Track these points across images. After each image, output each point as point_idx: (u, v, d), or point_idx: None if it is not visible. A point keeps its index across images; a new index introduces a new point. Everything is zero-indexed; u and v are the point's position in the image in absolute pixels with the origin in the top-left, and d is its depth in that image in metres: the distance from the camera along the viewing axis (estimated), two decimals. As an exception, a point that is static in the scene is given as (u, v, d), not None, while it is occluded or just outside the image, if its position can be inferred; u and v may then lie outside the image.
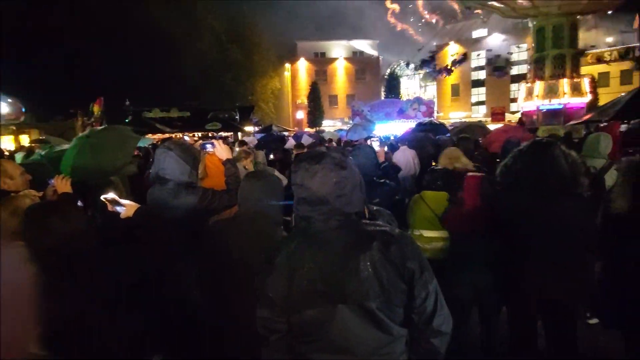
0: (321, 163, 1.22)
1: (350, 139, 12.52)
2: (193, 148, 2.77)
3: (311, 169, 1.22)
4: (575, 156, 2.36)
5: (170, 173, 2.36)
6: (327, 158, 1.23)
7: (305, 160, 1.26)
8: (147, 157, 6.70)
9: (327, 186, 1.21)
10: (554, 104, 21.44)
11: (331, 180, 1.21)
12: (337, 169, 1.22)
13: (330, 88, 45.27)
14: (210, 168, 3.77)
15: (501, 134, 7.97)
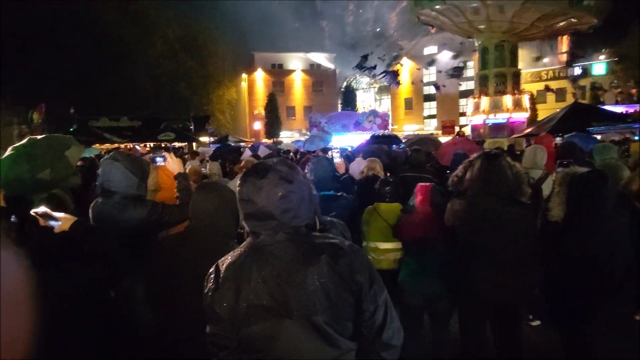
0: (266, 177, 1.20)
1: (307, 150, 12.60)
2: (141, 159, 2.66)
3: (257, 184, 1.20)
4: (519, 167, 2.52)
5: (117, 185, 2.25)
6: (273, 172, 1.21)
7: (250, 175, 1.24)
8: (92, 168, 6.33)
9: (273, 201, 1.19)
10: (498, 118, 22.82)
11: (277, 195, 1.19)
12: (282, 183, 1.20)
13: (288, 99, 45.43)
14: (165, 180, 3.63)
15: (451, 146, 8.37)
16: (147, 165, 2.55)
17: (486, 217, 2.36)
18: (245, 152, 11.08)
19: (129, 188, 2.26)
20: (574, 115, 14.63)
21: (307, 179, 1.32)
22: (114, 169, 2.25)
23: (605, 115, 14.79)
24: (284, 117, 41.05)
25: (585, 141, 8.36)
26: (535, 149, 3.40)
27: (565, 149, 3.70)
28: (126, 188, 2.26)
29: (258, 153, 9.64)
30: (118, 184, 2.25)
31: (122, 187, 2.25)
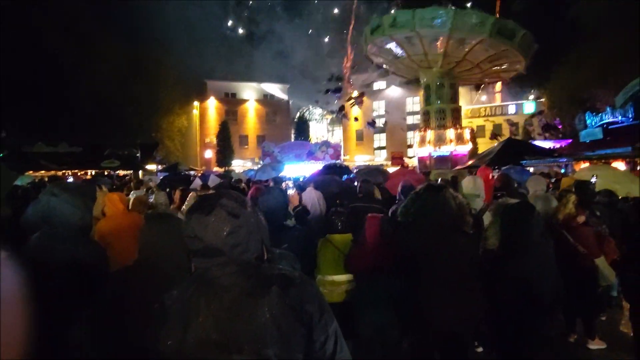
0: (213, 214, 1.18)
1: (258, 179, 12.50)
2: (85, 187, 2.50)
3: (203, 221, 1.18)
4: (461, 198, 2.67)
5: (56, 220, 2.10)
6: (219, 208, 1.19)
7: (196, 212, 1.21)
8: (25, 197, 5.84)
9: (220, 238, 1.17)
10: (442, 150, 24.20)
11: (224, 231, 1.17)
12: (230, 218, 1.19)
13: (241, 128, 45.25)
14: (109, 208, 3.45)
15: (399, 177, 8.70)
16: (92, 191, 2.41)
17: (432, 246, 2.47)
18: (195, 181, 10.79)
19: (71, 221, 2.11)
20: (509, 149, 15.86)
21: (255, 210, 1.32)
22: (54, 203, 2.10)
23: (535, 150, 16.18)
24: (236, 145, 40.69)
25: (520, 173, 9.06)
26: (475, 179, 3.64)
27: (500, 181, 3.99)
28: (69, 221, 2.11)
29: (208, 182, 9.43)
30: (58, 218, 2.10)
31: (64, 220, 2.10)
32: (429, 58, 22.97)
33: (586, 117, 14.65)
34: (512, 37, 20.00)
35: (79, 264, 2.04)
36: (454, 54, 21.88)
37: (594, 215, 3.72)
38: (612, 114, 13.55)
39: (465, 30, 19.79)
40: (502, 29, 19.57)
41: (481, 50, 21.16)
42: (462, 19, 19.61)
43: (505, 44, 20.09)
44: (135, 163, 23.25)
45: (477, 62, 22.29)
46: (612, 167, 10.21)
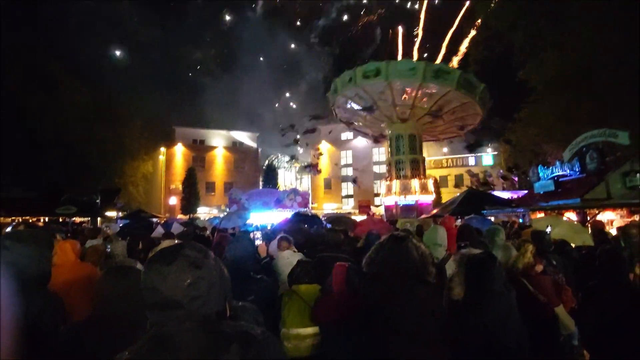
0: (174, 264, 1.14)
1: (224, 227, 12.21)
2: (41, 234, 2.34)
3: (162, 271, 1.14)
4: (424, 248, 2.72)
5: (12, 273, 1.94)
6: (181, 258, 1.16)
7: (156, 262, 1.17)
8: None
9: (180, 289, 1.13)
10: (408, 200, 24.81)
11: (184, 283, 1.13)
12: (191, 268, 1.15)
13: (208, 175, 44.78)
14: (60, 257, 3.23)
15: (367, 226, 8.79)
16: (48, 239, 2.26)
17: (394, 297, 2.46)
18: (157, 228, 10.40)
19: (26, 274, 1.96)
20: (471, 199, 16.52)
21: (218, 262, 1.28)
22: (5, 257, 1.95)
23: (495, 200, 16.94)
24: (202, 192, 40.01)
25: (481, 222, 9.38)
26: (437, 228, 3.73)
27: (463, 231, 4.12)
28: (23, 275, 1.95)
29: (171, 230, 9.12)
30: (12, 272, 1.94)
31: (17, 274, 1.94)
32: (397, 110, 24.20)
33: (539, 170, 15.58)
34: (474, 90, 21.64)
35: (32, 319, 1.88)
36: (421, 105, 23.23)
37: (551, 264, 3.87)
38: (561, 168, 14.51)
39: (435, 81, 21.26)
40: (467, 81, 21.23)
41: (446, 102, 22.64)
42: (432, 70, 21.11)
43: (468, 96, 21.68)
44: (94, 210, 22.18)
45: (442, 114, 23.71)
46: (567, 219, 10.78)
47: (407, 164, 25.42)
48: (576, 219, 11.60)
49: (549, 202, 13.49)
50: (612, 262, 2.93)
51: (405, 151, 25.52)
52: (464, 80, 21.13)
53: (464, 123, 25.41)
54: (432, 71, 21.10)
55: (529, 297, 3.25)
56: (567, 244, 5.29)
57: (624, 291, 2.90)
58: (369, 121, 27.51)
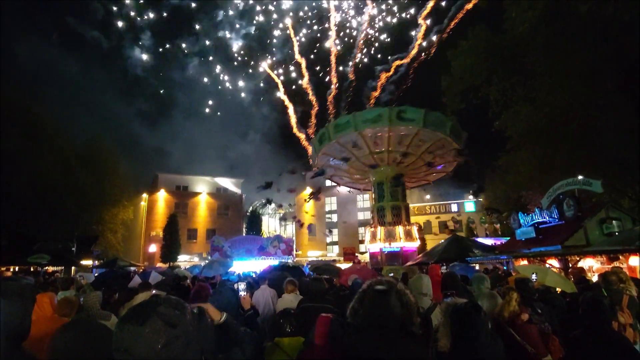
0: (147, 323, 1.08)
1: (205, 276, 11.86)
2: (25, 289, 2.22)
3: (135, 332, 1.06)
4: (410, 297, 2.67)
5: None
6: (154, 316, 1.09)
7: (128, 321, 1.10)
8: None
9: (153, 351, 1.06)
10: (393, 247, 24.69)
11: (158, 344, 1.06)
12: (166, 328, 1.09)
13: (191, 221, 43.97)
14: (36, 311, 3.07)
15: (351, 273, 8.65)
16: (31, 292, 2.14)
17: (380, 350, 2.39)
18: (134, 278, 9.99)
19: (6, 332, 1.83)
20: (455, 246, 16.58)
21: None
22: None
23: (478, 247, 17.02)
24: (184, 239, 39.05)
25: (465, 270, 9.36)
26: (421, 277, 3.70)
27: (448, 280, 4.10)
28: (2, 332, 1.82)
29: (149, 279, 8.78)
30: None
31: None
32: (375, 157, 24.75)
33: (519, 217, 15.89)
34: (442, 126, 22.40)
35: None
36: (397, 148, 23.83)
37: (536, 312, 3.85)
38: (540, 215, 14.84)
39: (401, 123, 22.00)
40: (432, 119, 22.03)
41: (420, 142, 23.31)
42: (396, 114, 21.91)
43: (439, 132, 22.40)
44: (69, 258, 21.26)
45: (419, 154, 24.30)
46: (549, 266, 10.87)
47: (391, 211, 25.59)
48: (558, 266, 11.70)
49: (531, 248, 13.64)
50: (594, 310, 2.94)
51: (388, 198, 25.79)
52: (430, 118, 21.97)
53: (444, 161, 25.99)
54: (397, 114, 21.93)
55: (516, 348, 3.19)
56: (551, 292, 5.30)
57: (607, 340, 2.89)
58: (353, 173, 28.00)
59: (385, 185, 25.91)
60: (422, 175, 28.43)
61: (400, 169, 25.73)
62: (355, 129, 22.72)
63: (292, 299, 3.72)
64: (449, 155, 24.92)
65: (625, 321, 4.02)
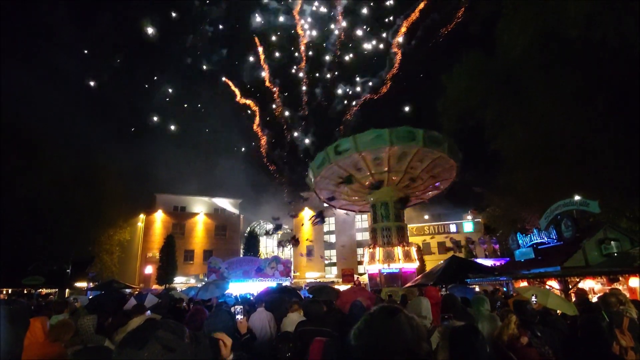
0: (145, 348, 1.10)
1: (201, 299, 11.69)
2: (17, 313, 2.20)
3: (134, 355, 1.08)
4: (417, 321, 2.64)
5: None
6: (153, 341, 1.11)
7: (127, 345, 1.12)
8: None
9: None
10: (392, 268, 24.46)
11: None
12: (164, 352, 1.11)
13: (188, 242, 43.59)
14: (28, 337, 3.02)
15: (350, 295, 8.55)
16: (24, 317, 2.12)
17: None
18: (129, 300, 9.84)
19: None
20: (454, 267, 16.46)
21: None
22: None
23: (478, 268, 16.91)
24: (180, 261, 38.63)
25: (464, 292, 9.27)
26: (421, 299, 3.68)
27: (446, 302, 4.06)
28: None
29: (145, 302, 8.65)
30: None
31: None
32: (375, 178, 24.84)
33: (518, 238, 15.85)
34: (441, 144, 22.63)
35: None
36: (397, 168, 23.96)
37: (536, 335, 3.80)
38: (539, 235, 14.82)
39: (402, 143, 22.22)
40: (431, 138, 22.28)
41: (419, 161, 23.50)
42: (397, 134, 22.16)
43: (437, 150, 22.62)
44: (64, 280, 20.94)
45: (418, 173, 24.44)
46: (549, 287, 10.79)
47: (390, 231, 25.49)
48: (558, 287, 11.61)
49: (530, 270, 13.54)
50: (592, 332, 2.92)
51: (387, 218, 25.74)
52: (428, 137, 22.28)
53: (441, 178, 26.10)
54: (397, 134, 22.21)
55: (517, 372, 3.15)
56: (551, 314, 5.24)
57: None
58: (352, 195, 28.03)
59: (383, 205, 25.91)
60: (419, 194, 28.46)
61: (399, 188, 25.81)
62: (357, 150, 22.88)
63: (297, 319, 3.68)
64: (446, 172, 25.10)
65: (627, 344, 3.98)
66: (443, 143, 22.92)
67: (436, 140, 22.74)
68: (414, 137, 22.32)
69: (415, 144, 22.33)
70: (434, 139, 22.62)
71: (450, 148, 23.36)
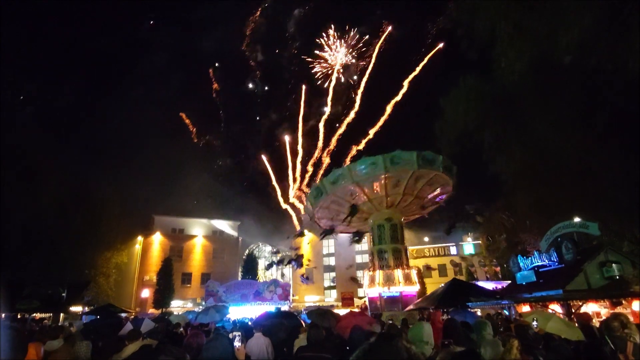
0: None
1: (200, 323, 11.50)
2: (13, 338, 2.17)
3: None
4: (415, 350, 2.61)
5: None
6: None
7: None
8: None
9: None
10: (392, 291, 24.11)
11: None
12: None
13: (185, 265, 43.08)
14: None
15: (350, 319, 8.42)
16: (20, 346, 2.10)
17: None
18: (126, 325, 9.66)
19: None
20: (455, 290, 16.23)
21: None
22: None
23: (479, 291, 16.68)
24: (178, 284, 38.09)
25: (464, 316, 9.14)
26: (423, 324, 3.63)
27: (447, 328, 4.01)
28: None
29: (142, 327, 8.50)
30: None
31: None
32: (374, 203, 24.85)
33: (519, 260, 15.73)
34: (435, 163, 22.75)
35: None
36: (394, 191, 24.00)
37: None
38: (540, 258, 14.71)
39: (396, 167, 22.32)
40: (425, 158, 22.43)
41: (415, 181, 23.57)
42: (390, 159, 22.29)
43: (433, 170, 22.70)
44: (59, 304, 20.57)
45: (415, 193, 24.47)
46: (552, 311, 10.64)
47: (389, 253, 25.27)
48: (561, 311, 11.44)
49: (532, 293, 13.39)
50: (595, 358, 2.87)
51: (387, 240, 25.56)
52: (422, 159, 22.44)
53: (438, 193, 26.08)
54: (391, 159, 22.37)
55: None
56: (554, 339, 5.16)
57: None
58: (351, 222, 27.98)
59: (382, 227, 25.79)
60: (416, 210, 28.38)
61: (399, 210, 25.78)
62: (352, 180, 23.06)
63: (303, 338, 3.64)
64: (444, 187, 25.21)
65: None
66: (437, 162, 23.08)
67: (430, 160, 22.91)
68: (408, 160, 22.48)
69: (410, 167, 22.48)
70: (428, 159, 22.79)
71: (445, 165, 23.51)
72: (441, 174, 23.34)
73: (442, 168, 23.14)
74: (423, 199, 25.85)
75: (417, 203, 26.30)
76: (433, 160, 22.97)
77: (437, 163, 23.02)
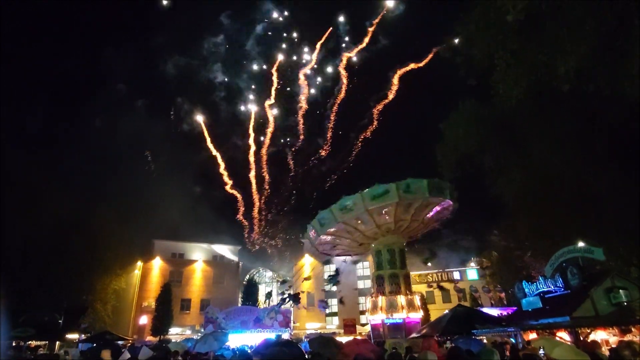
0: None
1: (198, 352, 11.23)
2: None
3: None
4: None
5: None
6: None
7: None
8: None
9: None
10: (395, 318, 23.61)
11: None
12: None
13: (185, 291, 42.39)
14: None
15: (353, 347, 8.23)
16: None
17: None
18: (123, 354, 9.45)
19: None
20: (460, 317, 15.91)
21: None
22: None
23: (484, 318, 16.33)
24: (177, 310, 37.36)
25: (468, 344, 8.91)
26: (427, 354, 3.54)
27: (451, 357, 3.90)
28: None
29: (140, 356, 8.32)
30: None
31: None
32: (382, 229, 24.79)
33: (524, 286, 15.46)
34: (444, 190, 22.85)
35: None
36: (402, 217, 23.97)
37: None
38: (545, 283, 14.47)
39: (409, 195, 22.36)
40: (436, 186, 22.61)
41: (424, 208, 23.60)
42: (403, 187, 22.33)
43: (441, 196, 22.76)
44: (55, 331, 20.12)
45: (421, 219, 24.50)
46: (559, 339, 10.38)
47: (393, 279, 24.92)
48: (569, 339, 11.15)
49: (538, 320, 13.08)
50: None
51: (389, 266, 25.26)
52: (433, 186, 22.53)
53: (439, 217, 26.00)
54: (404, 187, 22.43)
55: None
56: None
57: None
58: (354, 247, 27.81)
59: (385, 253, 25.54)
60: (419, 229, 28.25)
61: (403, 234, 25.66)
62: (364, 208, 23.05)
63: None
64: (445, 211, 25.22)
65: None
66: (446, 189, 23.20)
67: (440, 188, 23.07)
68: (420, 188, 22.59)
69: (421, 195, 22.60)
70: (438, 187, 22.96)
71: (452, 192, 23.67)
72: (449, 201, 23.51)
73: (450, 195, 23.31)
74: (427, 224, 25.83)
75: (421, 228, 26.25)
76: (443, 188, 23.20)
77: (445, 190, 23.20)
